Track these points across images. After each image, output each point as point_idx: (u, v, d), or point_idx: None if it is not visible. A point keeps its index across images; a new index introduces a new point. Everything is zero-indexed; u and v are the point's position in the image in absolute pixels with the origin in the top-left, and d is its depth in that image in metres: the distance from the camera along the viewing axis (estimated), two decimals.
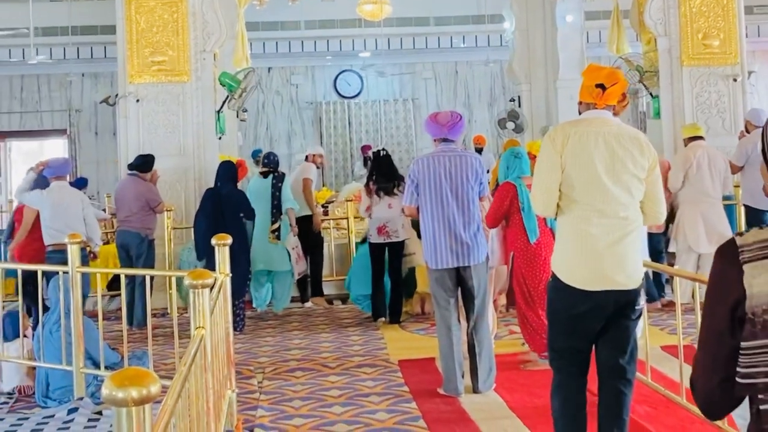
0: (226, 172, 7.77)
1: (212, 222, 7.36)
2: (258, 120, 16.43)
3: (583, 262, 3.47)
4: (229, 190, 7.63)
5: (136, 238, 7.98)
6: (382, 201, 7.47)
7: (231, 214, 7.47)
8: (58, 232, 7.21)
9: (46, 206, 7.36)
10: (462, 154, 5.31)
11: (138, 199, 7.99)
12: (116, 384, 1.73)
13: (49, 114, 16.19)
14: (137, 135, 9.07)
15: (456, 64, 16.93)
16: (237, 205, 7.56)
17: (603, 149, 3.51)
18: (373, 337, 7.07)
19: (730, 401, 1.61)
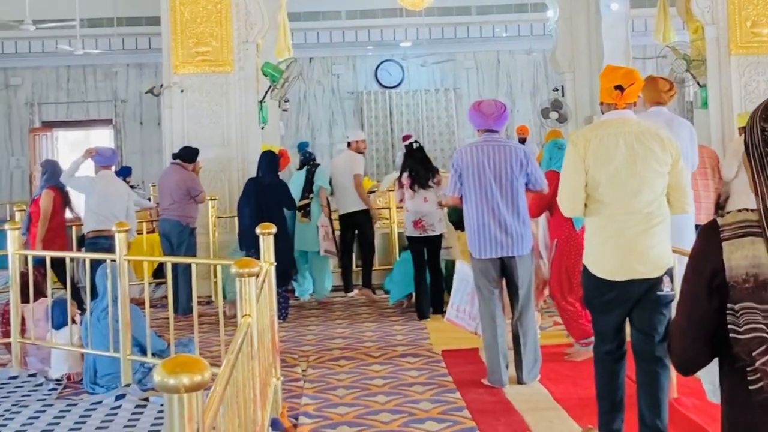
0: (268, 161, 7.80)
1: (254, 212, 7.40)
2: (300, 110, 16.48)
3: (608, 255, 3.72)
4: (270, 180, 7.66)
5: (177, 226, 8.06)
6: (417, 194, 7.39)
7: (272, 204, 7.50)
8: (104, 219, 7.33)
9: (94, 192, 7.48)
10: (506, 143, 5.26)
11: (179, 188, 8.07)
12: (168, 371, 1.73)
13: (95, 104, 16.39)
14: (181, 125, 9.15)
15: (498, 53, 16.80)
16: (278, 195, 7.59)
17: (624, 150, 3.71)
18: (416, 327, 7.05)
19: (700, 358, 1.86)
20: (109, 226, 7.38)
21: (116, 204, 7.46)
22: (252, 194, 7.59)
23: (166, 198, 8.18)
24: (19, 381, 5.75)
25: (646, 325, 3.76)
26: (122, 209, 7.46)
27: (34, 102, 16.19)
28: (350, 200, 8.35)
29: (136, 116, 16.35)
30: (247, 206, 7.59)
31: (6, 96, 16.20)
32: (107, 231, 7.35)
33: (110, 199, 7.44)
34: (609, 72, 3.94)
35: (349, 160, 8.57)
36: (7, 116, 16.20)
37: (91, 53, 15.01)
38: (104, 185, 7.53)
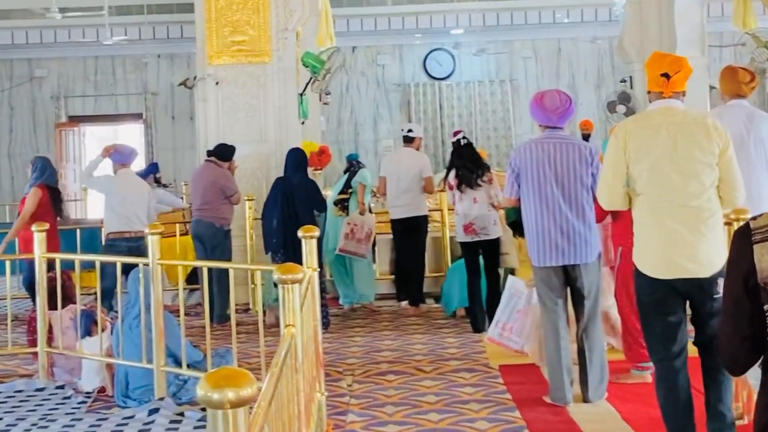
0: (294, 159, 7.88)
1: (282, 214, 7.49)
2: (342, 103, 16.55)
3: (654, 251, 3.82)
4: (300, 180, 7.74)
5: (210, 228, 8.15)
6: (465, 195, 7.32)
7: (302, 205, 7.58)
8: (125, 220, 7.45)
9: (114, 192, 7.61)
10: (569, 140, 5.19)
11: (213, 187, 8.16)
12: (212, 384, 1.73)
13: (124, 97, 16.64)
14: (216, 119, 9.25)
15: (559, 41, 16.69)
16: (309, 195, 7.67)
17: (666, 140, 3.81)
18: (470, 339, 7.04)
19: (750, 358, 2.01)
20: (129, 227, 7.53)
21: (137, 204, 7.58)
22: (280, 195, 7.67)
23: (199, 198, 8.28)
24: (47, 393, 5.85)
25: (705, 327, 3.82)
26: (143, 210, 7.58)
27: (60, 95, 16.49)
28: (415, 204, 8.32)
29: (168, 110, 16.56)
30: (274, 208, 7.69)
31: (30, 89, 16.51)
32: (127, 233, 7.49)
33: (130, 199, 7.57)
34: (655, 59, 4.05)
35: (416, 160, 8.46)
36: (32, 110, 16.52)
37: (121, 43, 15.26)
38: (123, 185, 7.65)
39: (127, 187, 7.64)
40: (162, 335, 5.45)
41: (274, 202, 7.71)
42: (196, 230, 8.28)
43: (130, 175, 7.76)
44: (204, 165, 8.46)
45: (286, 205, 7.56)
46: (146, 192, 7.73)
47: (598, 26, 15.39)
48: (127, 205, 7.58)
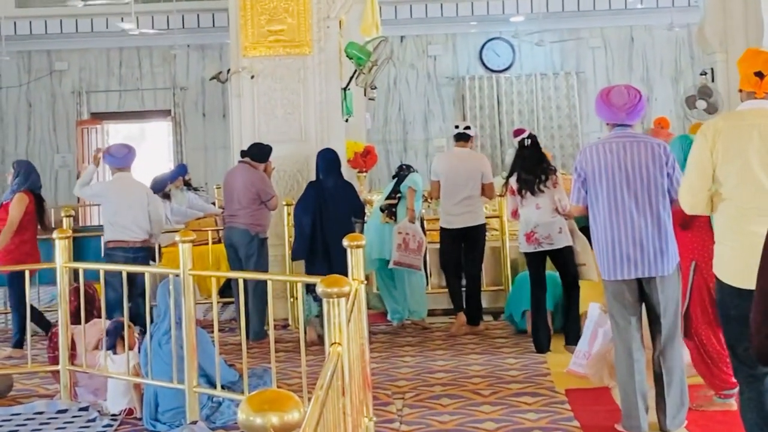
0: (326, 160, 7.92)
1: (315, 221, 7.54)
2: (389, 99, 16.58)
3: (736, 259, 3.90)
4: (334, 183, 7.77)
5: (245, 236, 8.22)
6: (527, 201, 7.28)
7: (338, 211, 7.60)
8: (122, 228, 7.56)
9: (111, 199, 7.73)
10: (642, 140, 5.17)
11: (248, 190, 8.23)
12: (254, 408, 1.75)
13: (151, 93, 16.82)
14: (252, 117, 9.33)
15: (631, 29, 16.56)
16: (346, 199, 7.67)
17: (758, 143, 3.90)
18: (533, 361, 7.03)
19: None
20: (127, 236, 7.65)
21: (138, 210, 7.68)
22: (312, 200, 7.73)
23: (232, 203, 8.36)
24: (69, 415, 5.93)
25: None
26: (142, 216, 7.68)
27: (82, 90, 16.68)
28: (474, 212, 8.24)
29: (198, 107, 16.71)
30: (306, 214, 7.74)
31: (50, 83, 16.74)
32: (124, 242, 7.59)
33: (127, 206, 7.67)
34: (749, 56, 4.12)
35: (475, 162, 8.40)
36: (51, 107, 16.74)
37: (147, 33, 15.43)
38: (120, 190, 7.74)
39: (123, 193, 7.72)
40: (194, 353, 5.51)
41: (305, 208, 7.79)
42: (229, 238, 8.37)
43: (126, 180, 7.81)
44: (238, 167, 8.55)
45: (319, 211, 7.62)
46: (144, 196, 7.81)
47: (675, 12, 15.23)
48: (124, 212, 7.67)
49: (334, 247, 7.36)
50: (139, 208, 7.71)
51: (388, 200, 8.53)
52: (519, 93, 16.53)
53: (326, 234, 7.82)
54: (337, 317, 3.57)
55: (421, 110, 16.71)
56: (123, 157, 7.84)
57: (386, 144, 16.16)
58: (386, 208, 8.49)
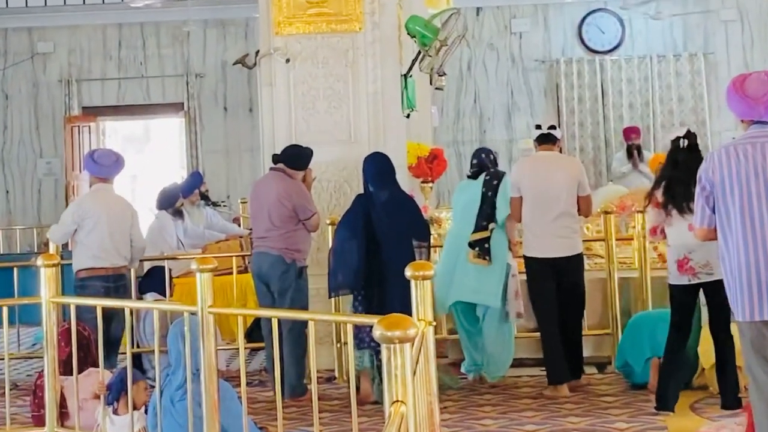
0: (378, 168, 7.96)
1: (364, 243, 7.57)
2: (462, 88, 16.59)
3: None
4: (390, 197, 7.79)
5: (278, 264, 8.24)
6: (676, 219, 7.10)
7: (395, 233, 7.61)
8: (103, 252, 7.68)
9: (89, 215, 7.87)
10: None
11: (281, 206, 8.25)
12: None
13: (158, 81, 16.99)
14: (287, 112, 9.40)
15: None
16: (404, 219, 7.69)
17: None
18: (648, 425, 7.00)
19: None
20: (107, 262, 7.75)
21: (118, 232, 7.79)
22: (360, 218, 7.76)
23: (262, 221, 8.40)
24: None
25: None
26: (124, 238, 7.81)
27: (72, 78, 16.85)
28: (571, 237, 8.14)
29: (218, 99, 16.83)
30: (352, 237, 7.82)
31: (32, 70, 16.96)
32: (101, 269, 7.71)
33: (108, 225, 7.77)
34: None
35: (568, 169, 8.30)
36: (33, 99, 16.93)
37: (153, 6, 15.56)
38: (100, 205, 7.85)
39: (104, 209, 7.83)
40: (216, 412, 5.56)
41: (352, 229, 7.84)
42: (259, 267, 8.41)
43: (108, 194, 7.99)
44: (269, 176, 8.58)
45: (370, 233, 7.66)
46: (129, 216, 7.91)
47: None
48: (104, 234, 7.78)
49: (392, 278, 7.40)
50: (122, 229, 7.85)
51: (477, 234, 8.29)
52: (629, 80, 16.47)
53: (381, 262, 7.86)
54: (399, 368, 3.60)
55: (502, 103, 16.71)
56: (108, 167, 8.01)
57: (458, 146, 16.20)
58: (477, 244, 8.27)
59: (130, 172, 18.71)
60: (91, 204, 8.04)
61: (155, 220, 10.85)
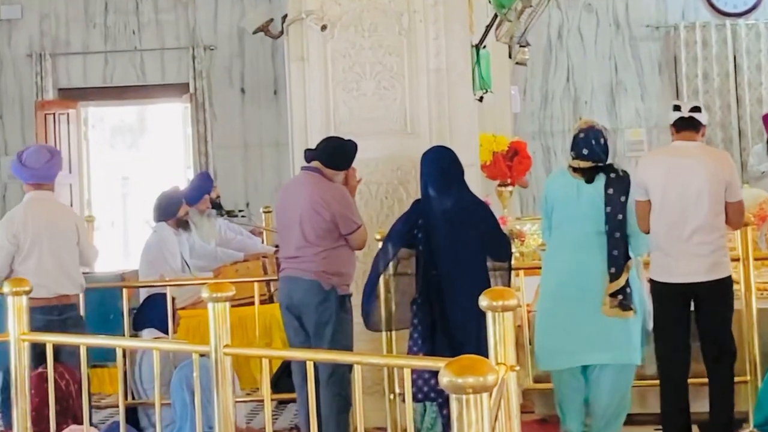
0: (442, 167, 7.94)
1: (425, 263, 7.58)
2: (550, 63, 16.61)
3: None
4: (456, 204, 7.78)
5: (314, 292, 8.23)
6: None
7: (463, 250, 7.62)
8: (44, 280, 7.74)
9: (24, 235, 7.91)
10: None
11: (317, 216, 8.23)
12: None
13: (155, 56, 17.15)
14: (323, 94, 9.42)
15: None
16: (476, 233, 7.69)
17: None
18: None
19: None
20: (48, 291, 7.81)
21: (63, 251, 7.86)
22: (422, 230, 7.75)
23: (293, 237, 8.40)
24: None
25: None
26: (72, 259, 7.91)
27: (45, 52, 17.03)
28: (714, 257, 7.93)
29: (234, 78, 16.95)
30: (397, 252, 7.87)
31: None
32: (44, 300, 7.75)
33: (50, 244, 7.83)
34: None
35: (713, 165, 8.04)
36: None
37: None
38: (36, 220, 7.92)
39: (41, 224, 7.92)
40: None
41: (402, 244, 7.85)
42: (289, 296, 8.40)
43: (44, 203, 8.07)
44: (301, 178, 8.59)
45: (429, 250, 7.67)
46: (74, 228, 7.98)
47: None
48: (44, 255, 7.85)
49: (461, 309, 7.41)
50: (68, 247, 7.92)
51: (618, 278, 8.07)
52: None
53: (444, 288, 7.86)
54: (474, 424, 3.63)
55: (603, 80, 16.72)
56: (40, 169, 8.07)
57: (545, 138, 16.23)
58: (620, 293, 8.03)
59: (121, 173, 18.95)
60: (23, 219, 8.08)
61: (153, 234, 10.88)
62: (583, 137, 8.13)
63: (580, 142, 8.11)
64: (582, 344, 7.99)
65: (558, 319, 8.05)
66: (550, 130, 16.33)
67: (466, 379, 3.63)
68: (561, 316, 8.05)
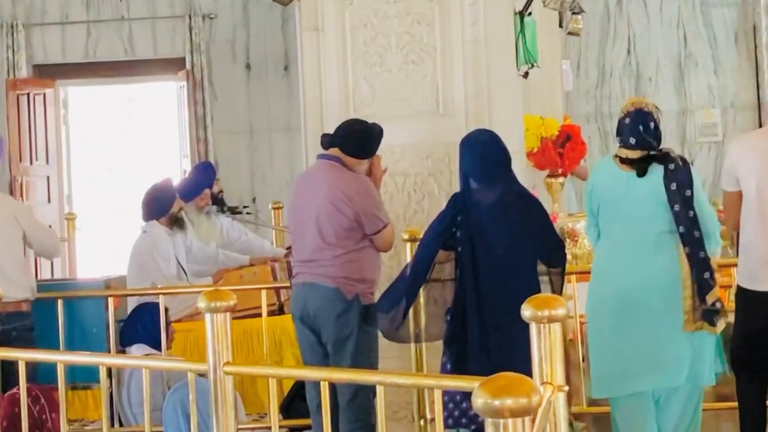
0: (485, 154, 7.96)
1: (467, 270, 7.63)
2: (608, 33, 16.62)
3: None
4: (500, 198, 7.81)
5: (334, 301, 8.23)
6: None
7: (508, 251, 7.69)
8: None
9: None
10: None
11: (337, 213, 8.24)
12: None
13: (146, 27, 17.20)
14: (342, 70, 9.46)
15: None
16: (522, 231, 7.74)
17: None
18: None
19: None
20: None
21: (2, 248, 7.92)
22: (462, 228, 7.82)
23: (308, 237, 8.42)
24: None
25: None
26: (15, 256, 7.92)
27: (17, 23, 17.10)
28: None
29: (237, 52, 17.01)
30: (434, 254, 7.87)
31: None
32: None
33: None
34: None
35: None
36: None
37: None
38: None
39: None
40: None
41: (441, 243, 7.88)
42: (303, 306, 8.40)
43: None
44: (318, 168, 8.60)
45: (470, 251, 7.70)
46: (12, 220, 8.04)
47: None
48: None
49: (506, 322, 7.42)
50: (11, 243, 7.99)
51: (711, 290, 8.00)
52: None
53: (483, 294, 7.87)
54: None
55: (671, 55, 16.73)
56: None
57: (602, 120, 16.23)
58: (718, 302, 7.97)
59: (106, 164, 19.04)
60: None
61: (142, 235, 10.86)
62: (630, 122, 7.97)
63: (626, 128, 7.97)
64: (651, 365, 7.87)
65: (618, 338, 7.92)
66: (608, 112, 16.30)
67: (503, 401, 3.64)
68: (622, 334, 7.91)
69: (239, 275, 10.91)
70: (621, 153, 7.96)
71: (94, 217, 19.20)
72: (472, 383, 3.96)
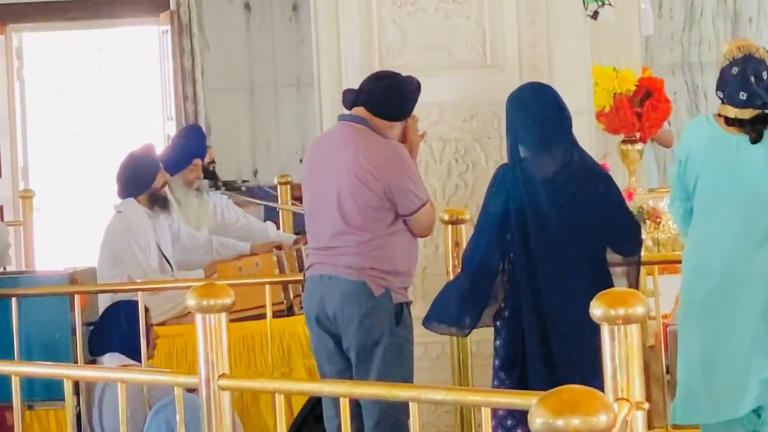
0: (539, 115, 7.99)
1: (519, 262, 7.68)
2: None
3: None
4: (561, 170, 7.85)
5: (359, 298, 8.25)
6: None
7: (566, 235, 7.75)
8: None
9: None
10: None
11: (364, 188, 8.26)
12: None
13: None
14: (363, 10, 9.51)
15: None
16: (588, 211, 7.78)
17: None
18: None
19: None
20: None
21: None
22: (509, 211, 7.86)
23: (327, 218, 8.45)
24: None
25: None
26: None
27: None
28: None
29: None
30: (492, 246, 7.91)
31: None
32: None
33: None
34: None
35: None
36: None
37: None
38: None
39: None
40: None
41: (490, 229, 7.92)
42: (320, 303, 8.44)
43: None
44: (339, 131, 8.64)
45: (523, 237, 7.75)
46: None
47: None
48: None
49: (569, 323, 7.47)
50: None
51: None
52: None
53: (544, 293, 7.90)
54: None
55: None
56: None
57: (691, 72, 16.27)
58: None
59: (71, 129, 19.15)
60: None
61: (116, 216, 10.82)
62: (738, 73, 7.85)
63: (733, 80, 7.83)
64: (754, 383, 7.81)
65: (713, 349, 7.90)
66: (699, 62, 16.37)
67: (568, 421, 3.69)
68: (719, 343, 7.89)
69: (237, 267, 10.88)
70: (726, 111, 7.83)
71: (56, 194, 19.29)
72: (529, 399, 3.99)
